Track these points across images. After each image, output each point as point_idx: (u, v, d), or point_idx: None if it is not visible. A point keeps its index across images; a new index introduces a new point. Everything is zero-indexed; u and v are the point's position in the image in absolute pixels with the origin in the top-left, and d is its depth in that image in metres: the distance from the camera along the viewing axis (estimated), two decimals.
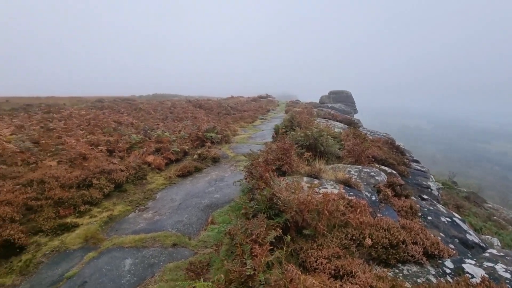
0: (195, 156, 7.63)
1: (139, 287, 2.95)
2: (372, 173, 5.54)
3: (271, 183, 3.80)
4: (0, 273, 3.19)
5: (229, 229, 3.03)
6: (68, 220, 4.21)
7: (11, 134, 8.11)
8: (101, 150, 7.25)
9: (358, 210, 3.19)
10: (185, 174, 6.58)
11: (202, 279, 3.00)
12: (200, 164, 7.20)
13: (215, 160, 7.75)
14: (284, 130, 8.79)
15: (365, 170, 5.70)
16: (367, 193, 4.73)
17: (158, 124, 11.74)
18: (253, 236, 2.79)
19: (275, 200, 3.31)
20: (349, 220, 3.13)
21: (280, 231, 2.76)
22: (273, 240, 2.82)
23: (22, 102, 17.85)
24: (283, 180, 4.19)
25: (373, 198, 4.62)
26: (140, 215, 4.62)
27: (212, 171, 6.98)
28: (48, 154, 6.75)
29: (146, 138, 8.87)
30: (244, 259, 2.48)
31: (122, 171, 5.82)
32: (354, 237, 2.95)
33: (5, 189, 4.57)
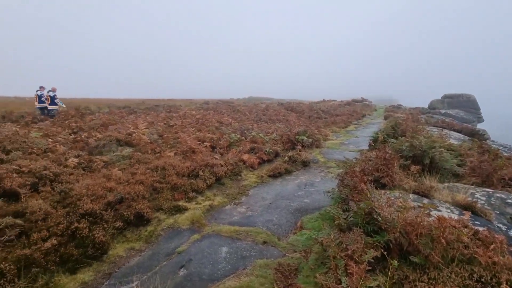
0: (286, 158, 7.76)
1: (232, 275, 3.19)
2: (509, 201, 4.31)
3: (369, 195, 3.46)
4: (132, 238, 4.05)
5: (322, 239, 2.91)
6: (180, 203, 4.99)
7: (145, 128, 10.30)
8: (206, 146, 8.32)
9: (492, 246, 2.51)
10: (275, 175, 6.79)
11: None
12: (290, 166, 7.28)
13: (305, 164, 7.68)
14: (384, 138, 7.90)
15: (497, 195, 4.49)
16: (500, 225, 3.70)
17: (252, 125, 12.58)
18: (349, 252, 2.60)
19: (374, 216, 2.99)
20: (475, 256, 2.51)
21: (382, 251, 2.46)
22: (371, 260, 2.56)
23: (152, 103, 22.47)
24: (384, 194, 3.76)
25: (511, 233, 3.58)
26: (235, 208, 5.03)
27: (301, 175, 6.95)
28: (168, 146, 8.22)
29: (243, 137, 9.64)
30: (338, 275, 2.34)
31: (222, 166, 6.49)
32: (482, 279, 2.34)
33: (139, 172, 5.82)
